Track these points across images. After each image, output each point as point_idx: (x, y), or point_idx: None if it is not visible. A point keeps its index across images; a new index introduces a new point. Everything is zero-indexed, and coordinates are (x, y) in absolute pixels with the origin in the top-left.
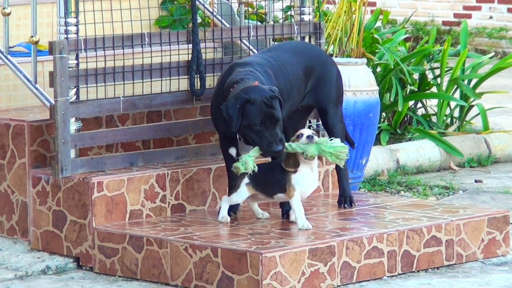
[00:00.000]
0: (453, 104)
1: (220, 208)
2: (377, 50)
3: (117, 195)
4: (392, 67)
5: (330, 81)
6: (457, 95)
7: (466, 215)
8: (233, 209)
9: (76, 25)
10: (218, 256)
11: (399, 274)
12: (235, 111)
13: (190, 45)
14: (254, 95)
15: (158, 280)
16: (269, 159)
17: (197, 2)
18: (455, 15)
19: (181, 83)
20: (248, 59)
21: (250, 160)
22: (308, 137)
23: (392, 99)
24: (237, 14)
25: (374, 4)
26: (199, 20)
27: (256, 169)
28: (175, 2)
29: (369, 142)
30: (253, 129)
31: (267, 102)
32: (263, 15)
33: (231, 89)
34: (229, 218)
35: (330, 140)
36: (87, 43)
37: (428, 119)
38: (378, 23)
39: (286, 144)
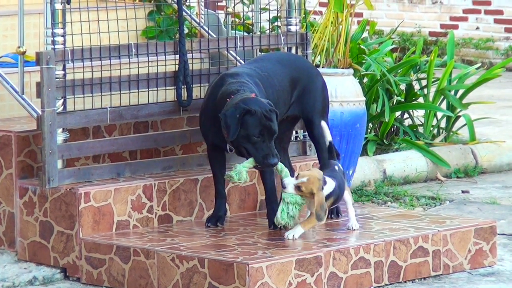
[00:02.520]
0: (439, 114)
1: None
2: (363, 61)
3: (104, 206)
4: (379, 77)
5: (316, 92)
6: (443, 105)
7: (453, 226)
8: (220, 220)
9: (63, 35)
10: (205, 266)
11: (386, 285)
12: (234, 120)
13: (177, 56)
14: (254, 107)
15: None
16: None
17: (184, 13)
18: (442, 26)
19: (168, 94)
20: (238, 69)
21: (244, 170)
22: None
23: (379, 110)
24: (224, 25)
25: (361, 14)
26: (186, 30)
27: (248, 180)
28: (162, 13)
29: (356, 152)
30: (250, 140)
31: (267, 115)
32: (250, 26)
33: (227, 99)
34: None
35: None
36: (74, 53)
37: (415, 129)
38: (365, 34)
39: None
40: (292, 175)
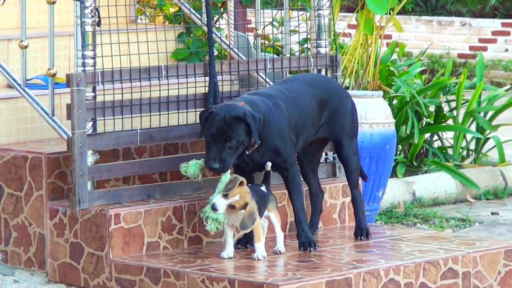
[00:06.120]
0: (469, 136)
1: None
2: (393, 83)
3: (134, 227)
4: (408, 99)
5: (345, 113)
6: (473, 127)
7: (483, 247)
8: (249, 241)
9: (93, 57)
10: None
11: None
12: (202, 119)
13: (207, 78)
14: (220, 110)
15: None
16: None
17: (213, 35)
18: (471, 48)
19: (198, 116)
20: (260, 90)
21: (194, 165)
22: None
23: (408, 132)
24: (254, 47)
25: (390, 37)
26: (215, 52)
27: (200, 178)
28: (191, 35)
29: (385, 174)
30: (206, 139)
31: (227, 120)
32: (279, 48)
33: None
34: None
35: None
36: (104, 75)
37: (444, 151)
38: (394, 56)
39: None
40: (322, 197)
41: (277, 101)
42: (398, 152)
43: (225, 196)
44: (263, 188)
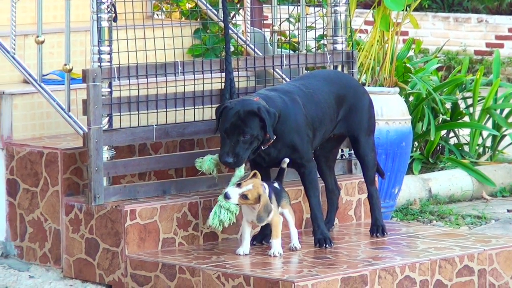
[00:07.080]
0: (485, 133)
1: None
2: (409, 80)
3: (150, 223)
4: (425, 96)
5: (362, 110)
6: (489, 124)
7: (499, 245)
8: (265, 238)
9: (110, 53)
10: (250, 284)
11: None
12: (217, 114)
13: (223, 74)
14: (235, 104)
15: None
16: None
17: (230, 31)
18: (487, 45)
19: (214, 112)
20: (278, 86)
21: (209, 160)
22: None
23: (424, 129)
24: (270, 43)
25: (406, 33)
26: (232, 48)
27: (215, 173)
28: (208, 31)
29: (401, 171)
30: (220, 134)
31: (241, 114)
32: (295, 44)
33: None
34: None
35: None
36: (121, 71)
37: (460, 148)
38: (411, 53)
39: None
40: (338, 194)
41: (294, 97)
42: (414, 149)
43: (238, 185)
44: (276, 184)
